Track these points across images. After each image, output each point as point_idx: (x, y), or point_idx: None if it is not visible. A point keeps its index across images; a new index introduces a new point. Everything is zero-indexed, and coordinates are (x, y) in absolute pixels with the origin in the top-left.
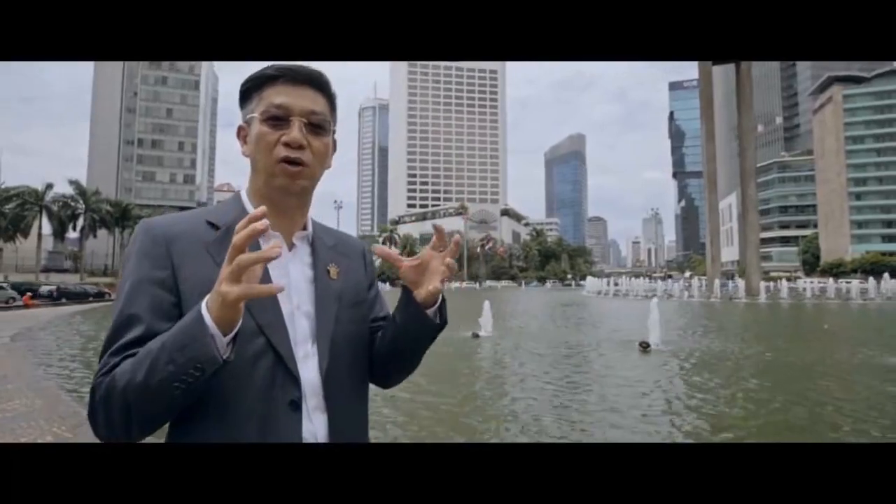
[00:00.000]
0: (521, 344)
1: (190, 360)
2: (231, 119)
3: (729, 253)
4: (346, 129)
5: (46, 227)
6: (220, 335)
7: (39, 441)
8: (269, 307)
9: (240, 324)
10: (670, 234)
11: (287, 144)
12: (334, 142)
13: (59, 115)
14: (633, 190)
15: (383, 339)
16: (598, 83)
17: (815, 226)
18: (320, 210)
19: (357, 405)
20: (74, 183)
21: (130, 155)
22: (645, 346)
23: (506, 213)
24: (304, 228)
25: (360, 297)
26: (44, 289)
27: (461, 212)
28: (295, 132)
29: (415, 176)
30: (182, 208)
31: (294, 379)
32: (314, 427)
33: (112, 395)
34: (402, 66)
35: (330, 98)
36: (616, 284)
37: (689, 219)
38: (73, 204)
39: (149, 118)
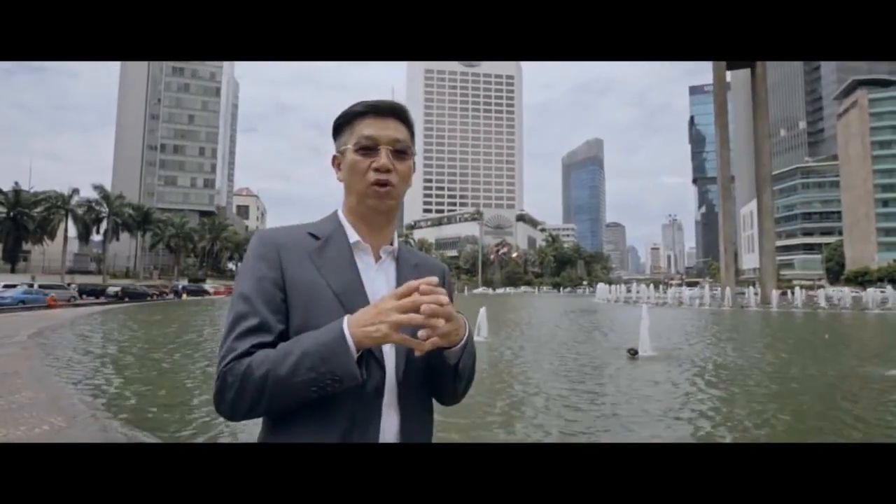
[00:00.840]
0: (513, 347)
1: (330, 371)
2: (250, 125)
3: (752, 260)
4: None
5: (72, 231)
6: (355, 354)
7: (36, 429)
8: (361, 307)
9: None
10: (690, 241)
11: (377, 170)
12: (414, 163)
13: (87, 123)
14: (652, 195)
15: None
16: (615, 88)
17: (840, 233)
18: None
19: (426, 413)
20: (99, 188)
21: (153, 160)
22: (633, 353)
23: (521, 218)
24: (391, 244)
25: None
26: (111, 289)
27: (476, 217)
28: (383, 159)
29: (430, 181)
30: (202, 212)
31: (379, 364)
32: (386, 424)
33: (248, 379)
34: (418, 72)
35: (409, 126)
36: (627, 291)
37: (709, 225)
38: (97, 208)
39: (171, 124)
